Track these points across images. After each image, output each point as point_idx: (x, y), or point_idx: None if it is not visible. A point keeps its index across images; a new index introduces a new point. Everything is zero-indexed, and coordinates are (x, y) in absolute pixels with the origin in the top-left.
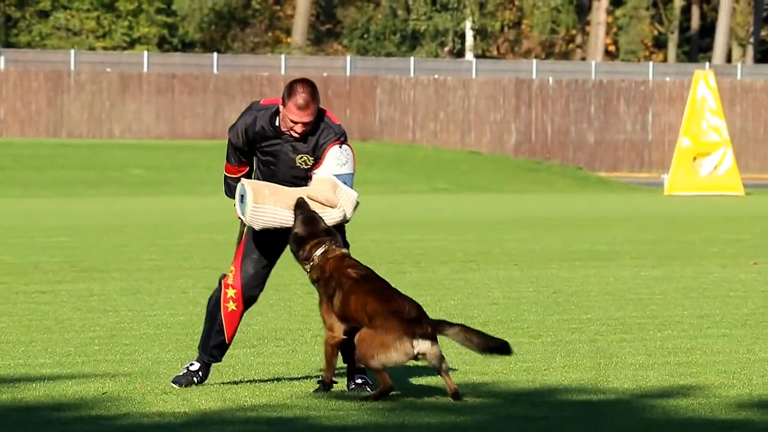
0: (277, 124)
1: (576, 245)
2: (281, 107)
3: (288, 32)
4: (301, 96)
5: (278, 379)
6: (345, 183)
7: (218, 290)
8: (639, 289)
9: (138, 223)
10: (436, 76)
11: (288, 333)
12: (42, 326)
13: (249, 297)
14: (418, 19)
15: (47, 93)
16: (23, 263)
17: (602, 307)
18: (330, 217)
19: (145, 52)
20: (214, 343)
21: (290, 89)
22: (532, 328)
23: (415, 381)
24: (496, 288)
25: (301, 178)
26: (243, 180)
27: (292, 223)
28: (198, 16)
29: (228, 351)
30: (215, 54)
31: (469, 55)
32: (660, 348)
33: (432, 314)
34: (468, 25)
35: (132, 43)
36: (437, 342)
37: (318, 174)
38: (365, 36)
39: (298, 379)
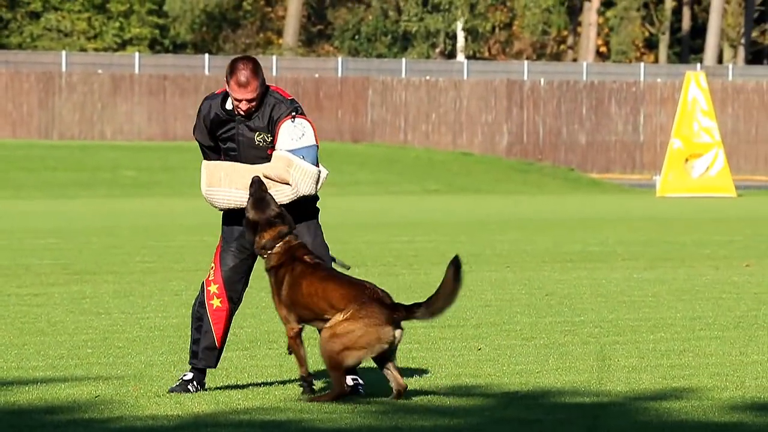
0: (229, 107)
1: (568, 247)
2: (227, 87)
3: (279, 33)
4: (242, 73)
5: (271, 382)
6: (303, 157)
7: (201, 293)
8: (631, 291)
9: (130, 224)
10: (427, 78)
11: (281, 336)
12: (34, 329)
13: (232, 291)
14: (409, 20)
15: (38, 94)
16: (15, 265)
17: (595, 310)
18: (283, 194)
19: (137, 54)
20: (204, 345)
21: (231, 67)
22: (525, 330)
23: (408, 382)
24: (489, 290)
25: (264, 158)
26: (203, 162)
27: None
28: (189, 18)
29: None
30: (207, 55)
31: (460, 56)
32: (653, 350)
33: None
34: (459, 26)
35: (123, 45)
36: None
37: (276, 151)
38: (356, 37)
39: (291, 381)
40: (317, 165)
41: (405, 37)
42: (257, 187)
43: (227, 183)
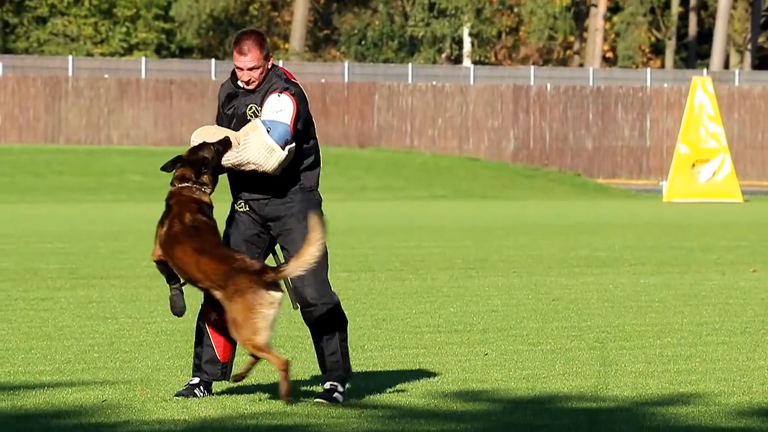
0: (237, 82)
1: (575, 252)
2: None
3: (286, 38)
4: (244, 42)
5: (278, 387)
6: (269, 129)
7: (202, 305)
8: (638, 296)
9: (136, 229)
10: (434, 83)
11: (287, 340)
12: (41, 333)
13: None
14: (415, 25)
15: (45, 99)
16: (22, 270)
17: (602, 315)
18: (234, 154)
19: (143, 58)
20: (205, 359)
21: (236, 37)
22: (532, 335)
23: (414, 387)
24: (496, 295)
25: None
26: (204, 125)
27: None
28: (196, 23)
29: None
30: (213, 60)
31: (466, 62)
32: (659, 356)
33: (431, 322)
34: (466, 31)
35: (130, 49)
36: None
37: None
38: (363, 42)
39: (297, 386)
40: (283, 147)
41: (411, 42)
42: (216, 141)
43: (206, 137)
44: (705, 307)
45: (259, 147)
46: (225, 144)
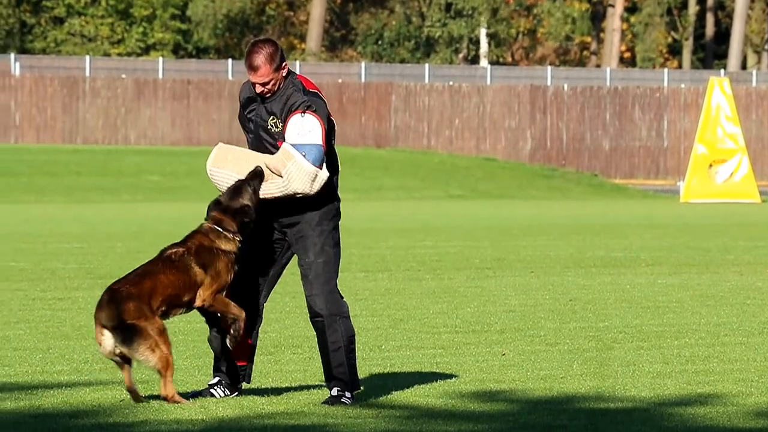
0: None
1: (592, 252)
2: None
3: (302, 38)
4: (254, 56)
5: (295, 387)
6: (305, 154)
7: None
8: (656, 296)
9: (154, 229)
10: (451, 83)
11: (305, 340)
12: (59, 333)
13: (244, 306)
14: (432, 25)
15: (62, 99)
16: (39, 269)
17: (619, 315)
18: (275, 186)
19: (160, 59)
20: (217, 363)
21: (246, 51)
22: (549, 335)
23: (432, 387)
24: (513, 295)
25: (273, 146)
26: (220, 143)
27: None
28: (212, 23)
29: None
30: (230, 60)
31: (483, 62)
32: (677, 356)
33: (449, 322)
34: (482, 31)
35: (147, 50)
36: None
37: (283, 143)
38: (379, 42)
39: (315, 386)
40: (320, 166)
41: (428, 42)
42: (250, 176)
43: (231, 166)
44: (723, 308)
45: (302, 177)
46: (259, 177)
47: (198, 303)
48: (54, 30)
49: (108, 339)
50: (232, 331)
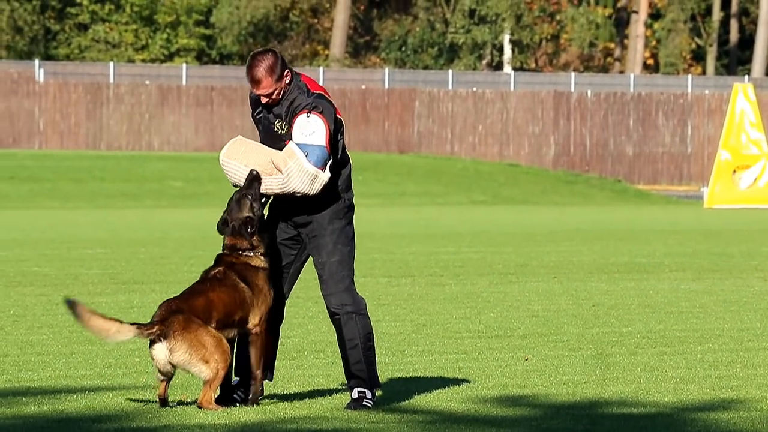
0: None
1: (615, 258)
2: None
3: (326, 45)
4: (254, 69)
5: (318, 392)
6: (308, 155)
7: None
8: (679, 302)
9: (177, 235)
10: (474, 89)
11: (328, 345)
12: (82, 338)
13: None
14: (456, 31)
15: (86, 105)
16: (63, 275)
17: (642, 320)
18: (276, 182)
19: (184, 65)
20: (238, 364)
21: (247, 63)
22: (572, 341)
23: (455, 392)
24: (536, 300)
25: (281, 147)
26: (239, 135)
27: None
28: (236, 29)
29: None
30: None
31: (507, 68)
32: (700, 361)
33: (471, 327)
34: (506, 38)
35: (170, 56)
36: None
37: (290, 141)
38: (403, 49)
39: (338, 391)
40: (323, 167)
41: (452, 48)
42: (246, 184)
43: (241, 158)
44: (746, 313)
45: (302, 176)
46: (257, 181)
47: (251, 325)
48: (78, 36)
49: (160, 352)
50: (251, 396)
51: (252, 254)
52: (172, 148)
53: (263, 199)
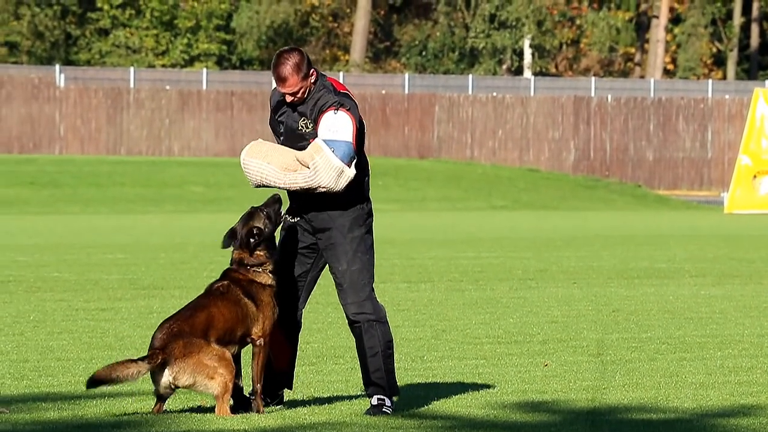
0: None
1: (635, 263)
2: None
3: (346, 49)
4: (281, 68)
5: (337, 397)
6: (334, 150)
7: None
8: (699, 307)
9: (197, 240)
10: (494, 94)
11: (347, 350)
12: (102, 343)
13: (280, 313)
14: (476, 36)
15: (107, 110)
16: (83, 280)
17: (662, 326)
18: (302, 177)
19: (204, 70)
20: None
21: (273, 61)
22: (592, 346)
23: (474, 398)
24: (555, 306)
25: (303, 147)
26: (259, 139)
27: (275, 182)
28: (256, 34)
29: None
30: None
31: (527, 73)
32: (720, 367)
33: (491, 333)
34: (526, 42)
35: (191, 61)
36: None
37: (315, 139)
38: (423, 53)
39: (357, 397)
40: (349, 163)
41: (472, 53)
42: (268, 202)
43: (263, 157)
44: (766, 319)
45: (329, 171)
46: (278, 203)
47: (254, 336)
48: (99, 41)
49: (164, 378)
50: (253, 405)
51: (260, 270)
52: (192, 153)
53: (278, 221)
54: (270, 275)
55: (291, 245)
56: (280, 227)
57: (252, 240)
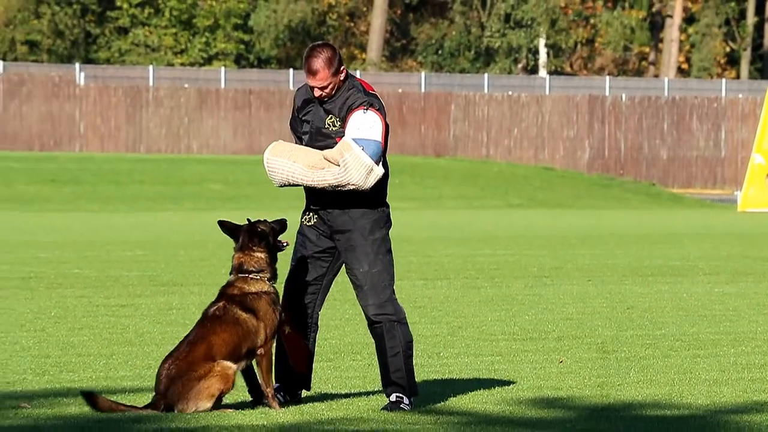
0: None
1: (649, 261)
2: None
3: (363, 48)
4: (313, 60)
5: (355, 393)
6: (363, 148)
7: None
8: (712, 305)
9: (216, 237)
10: (509, 93)
11: (364, 347)
12: (122, 339)
13: (297, 316)
14: (492, 36)
15: (126, 108)
16: (103, 277)
17: (676, 323)
18: (332, 174)
19: (223, 68)
20: (283, 369)
21: (306, 52)
22: (606, 343)
23: (490, 394)
24: (570, 303)
25: (328, 145)
26: (280, 140)
27: (302, 180)
28: (273, 33)
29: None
30: (291, 70)
31: (542, 72)
32: (734, 364)
33: (506, 330)
34: (542, 42)
35: (209, 59)
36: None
37: (343, 137)
38: (439, 52)
39: (374, 392)
40: (377, 162)
41: (488, 52)
42: (275, 221)
43: (288, 155)
44: None
45: (359, 168)
46: (283, 224)
47: (257, 347)
48: (118, 40)
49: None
50: (265, 401)
51: (258, 277)
52: (210, 151)
53: (278, 245)
54: (267, 282)
55: (305, 252)
56: (279, 249)
57: (256, 239)
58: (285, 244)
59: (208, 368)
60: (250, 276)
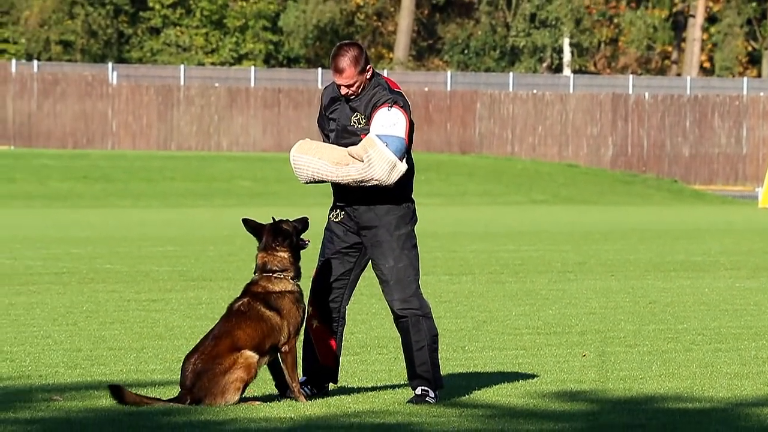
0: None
1: (671, 256)
2: None
3: (390, 48)
4: (340, 59)
5: (381, 386)
6: (387, 144)
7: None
8: (734, 299)
9: (245, 233)
10: (534, 91)
11: (390, 341)
12: (153, 333)
13: (323, 310)
14: (517, 35)
15: (158, 107)
16: (134, 272)
17: (698, 318)
18: (356, 169)
19: (252, 68)
20: (306, 367)
21: (334, 51)
22: (629, 337)
23: (514, 387)
24: (593, 298)
25: (354, 143)
26: (307, 138)
27: (327, 176)
28: (302, 33)
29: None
30: (320, 69)
31: (566, 71)
32: (755, 357)
33: (530, 324)
34: (566, 41)
35: (239, 59)
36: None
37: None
38: (465, 52)
39: (400, 386)
40: (401, 158)
41: (513, 51)
42: (296, 220)
43: (314, 153)
44: None
45: (382, 164)
46: (304, 224)
47: (280, 345)
48: (150, 40)
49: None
50: (291, 395)
51: (282, 276)
52: (240, 149)
53: (301, 243)
54: (291, 281)
55: (332, 247)
56: (302, 247)
57: (279, 238)
58: (307, 242)
59: (233, 360)
60: (274, 275)
